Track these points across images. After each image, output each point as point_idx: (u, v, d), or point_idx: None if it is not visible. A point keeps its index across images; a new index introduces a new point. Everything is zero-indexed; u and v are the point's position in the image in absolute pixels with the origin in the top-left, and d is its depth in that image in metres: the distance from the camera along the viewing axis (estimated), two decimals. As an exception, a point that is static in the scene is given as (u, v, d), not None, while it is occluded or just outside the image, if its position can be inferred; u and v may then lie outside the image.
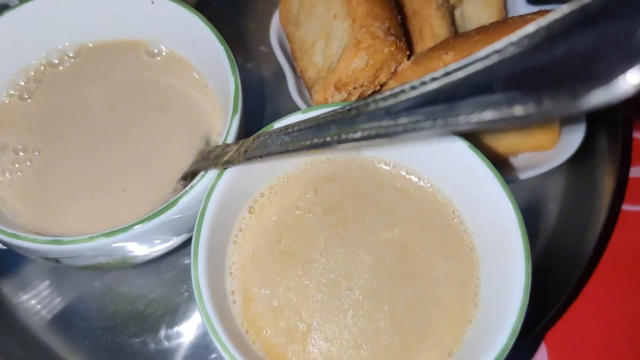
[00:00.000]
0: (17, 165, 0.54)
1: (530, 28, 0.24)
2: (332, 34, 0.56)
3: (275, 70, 0.67)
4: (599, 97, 0.19)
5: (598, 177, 0.63)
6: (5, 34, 0.54)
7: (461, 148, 0.48)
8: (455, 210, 0.51)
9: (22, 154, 0.55)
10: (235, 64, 0.51)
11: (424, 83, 0.29)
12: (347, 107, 0.33)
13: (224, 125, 0.50)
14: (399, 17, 0.56)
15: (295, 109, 0.60)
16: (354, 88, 0.54)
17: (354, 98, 0.55)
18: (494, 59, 0.25)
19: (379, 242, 0.50)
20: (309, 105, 0.59)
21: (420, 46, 0.58)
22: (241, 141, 0.44)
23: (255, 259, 0.50)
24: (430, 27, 0.58)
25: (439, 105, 0.26)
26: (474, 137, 0.52)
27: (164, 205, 0.46)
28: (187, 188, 0.46)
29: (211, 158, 0.47)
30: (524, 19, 0.55)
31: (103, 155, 0.55)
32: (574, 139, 0.60)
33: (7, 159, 0.54)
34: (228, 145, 0.46)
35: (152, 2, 0.54)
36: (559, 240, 0.62)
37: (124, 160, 0.55)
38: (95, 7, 0.56)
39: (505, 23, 0.55)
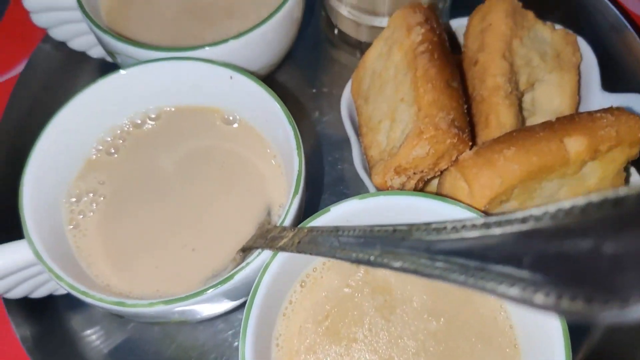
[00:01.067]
0: (92, 214, 0.58)
1: (566, 204, 0.25)
2: (397, 116, 0.57)
3: (343, 135, 0.69)
4: (611, 315, 0.19)
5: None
6: (101, 95, 0.59)
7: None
8: (503, 304, 0.52)
9: (101, 203, 0.59)
10: (302, 146, 0.53)
11: (464, 226, 0.30)
12: (393, 228, 0.35)
13: (286, 198, 0.53)
14: (465, 105, 0.56)
15: (357, 177, 0.62)
16: (414, 173, 0.55)
17: (412, 182, 0.56)
18: (530, 225, 0.26)
19: (423, 329, 0.51)
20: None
21: (485, 134, 0.58)
22: (296, 229, 0.46)
23: (301, 332, 0.52)
24: (496, 115, 0.58)
25: (472, 261, 0.28)
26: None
27: (221, 279, 0.48)
28: (244, 264, 0.49)
29: (268, 238, 0.49)
30: (592, 118, 0.54)
31: (175, 214, 0.59)
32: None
33: (86, 206, 0.59)
34: (285, 229, 0.49)
35: (231, 78, 0.58)
36: (608, 352, 0.61)
37: (194, 221, 0.58)
38: (179, 79, 0.60)
39: (572, 120, 0.54)
